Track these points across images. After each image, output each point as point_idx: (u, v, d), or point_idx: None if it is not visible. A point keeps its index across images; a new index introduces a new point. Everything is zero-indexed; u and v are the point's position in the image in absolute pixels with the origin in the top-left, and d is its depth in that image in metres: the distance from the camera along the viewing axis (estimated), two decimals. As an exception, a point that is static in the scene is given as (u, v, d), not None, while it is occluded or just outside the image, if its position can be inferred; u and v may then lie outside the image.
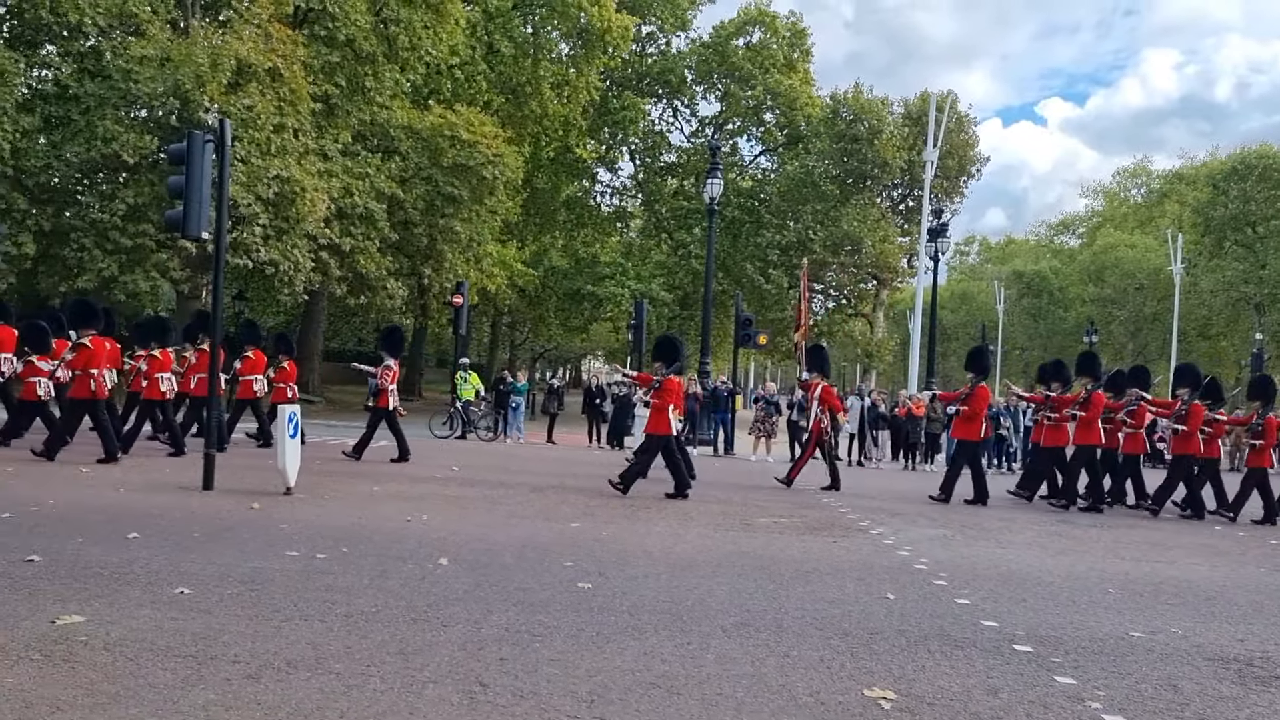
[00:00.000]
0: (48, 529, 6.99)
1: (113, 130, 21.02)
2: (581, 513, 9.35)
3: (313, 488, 9.89)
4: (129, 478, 10.24)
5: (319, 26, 25.86)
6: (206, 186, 9.29)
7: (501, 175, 28.49)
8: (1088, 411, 12.57)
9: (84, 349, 11.27)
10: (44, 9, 21.27)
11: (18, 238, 20.83)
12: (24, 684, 3.78)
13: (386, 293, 27.58)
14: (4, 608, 4.83)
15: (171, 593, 5.29)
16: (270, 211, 22.11)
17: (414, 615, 5.07)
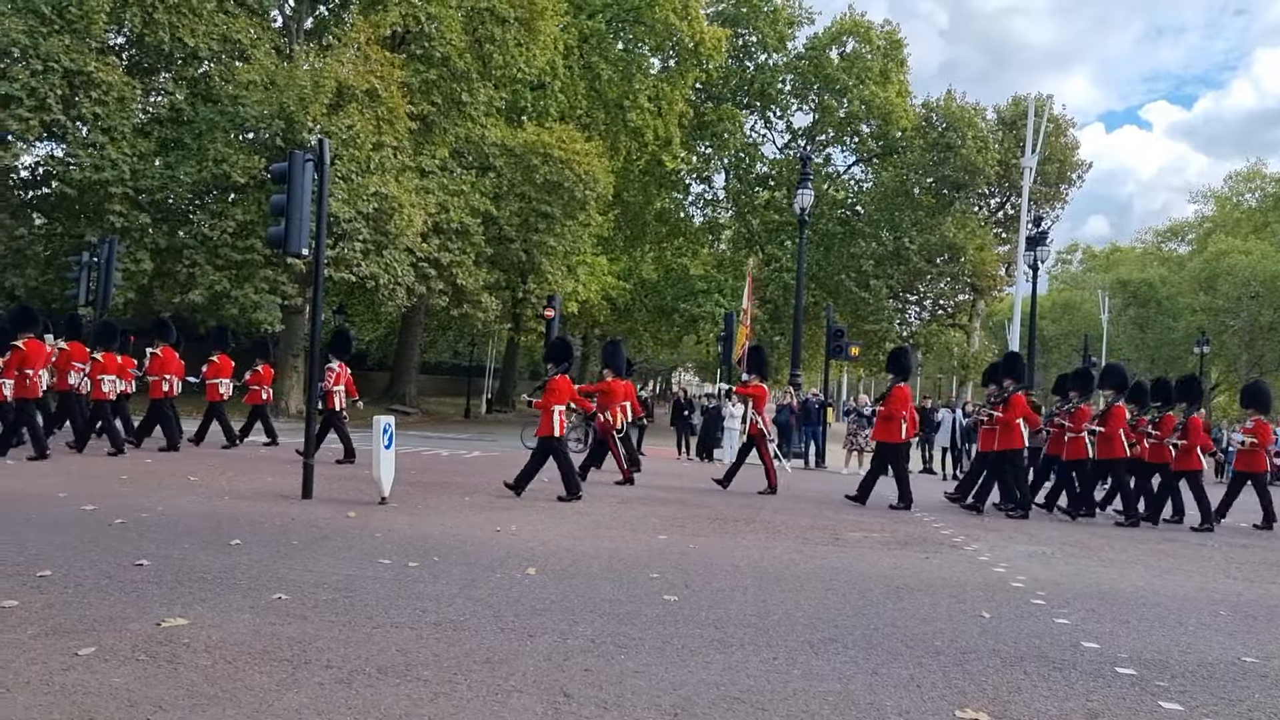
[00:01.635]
0: (157, 534, 7.28)
1: (223, 152, 21.93)
2: (669, 525, 9.34)
3: (406, 498, 10.09)
4: (234, 486, 10.61)
5: (416, 46, 26.56)
6: (307, 204, 9.59)
7: (593, 192, 28.79)
8: (1108, 425, 12.14)
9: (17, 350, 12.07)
10: (163, 33, 22.31)
11: (136, 254, 21.85)
12: (130, 683, 3.94)
13: (481, 306, 28.08)
14: (114, 609, 5.05)
15: (270, 598, 5.45)
16: (370, 227, 22.74)
17: (501, 624, 5.13)
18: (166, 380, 14.47)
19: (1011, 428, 12.03)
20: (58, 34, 20.87)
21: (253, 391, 15.79)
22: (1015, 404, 12.10)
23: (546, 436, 11.23)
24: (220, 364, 15.46)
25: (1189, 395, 12.79)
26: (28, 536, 6.88)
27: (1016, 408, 12.09)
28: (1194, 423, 12.31)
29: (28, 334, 12.30)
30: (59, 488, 9.61)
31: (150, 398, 14.46)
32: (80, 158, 21.58)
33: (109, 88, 21.71)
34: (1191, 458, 12.29)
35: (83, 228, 22.71)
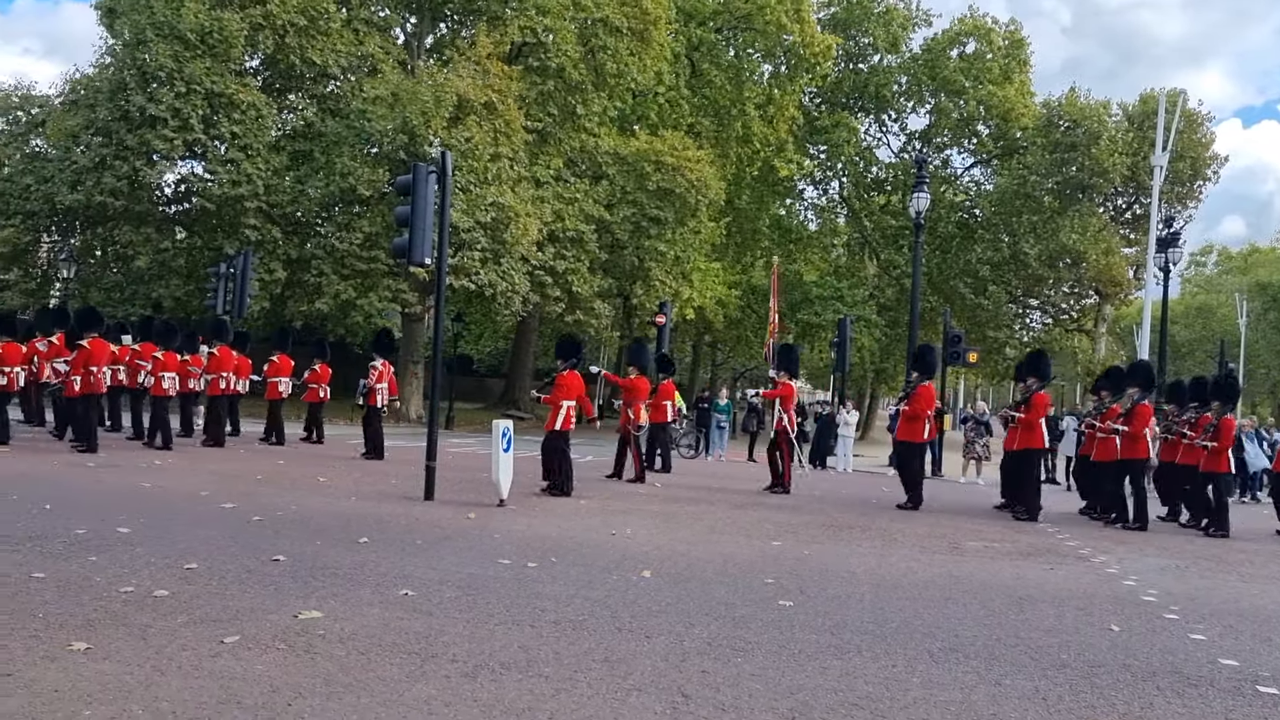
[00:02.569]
0: (291, 532, 7.63)
1: (349, 166, 22.82)
2: (782, 531, 9.31)
3: (523, 500, 10.32)
4: (361, 488, 11.03)
5: (532, 59, 27.14)
6: (429, 215, 9.92)
7: (704, 199, 28.89)
8: (1132, 425, 11.71)
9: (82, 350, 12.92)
10: (295, 56, 23.37)
11: (269, 265, 22.90)
12: (271, 671, 4.16)
13: (595, 312, 28.45)
14: (254, 601, 5.33)
15: (397, 594, 5.66)
16: (488, 236, 23.33)
17: (619, 625, 5.21)
18: (224, 378, 15.28)
19: (1034, 428, 11.84)
20: (200, 58, 22.09)
21: (310, 390, 16.53)
22: (1037, 404, 11.94)
23: (553, 430, 11.35)
24: (280, 363, 16.37)
25: (1224, 395, 12.25)
26: (176, 532, 7.30)
27: (1038, 408, 11.91)
28: (1226, 424, 11.75)
29: (92, 333, 13.22)
30: (202, 486, 10.15)
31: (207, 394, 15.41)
32: (219, 174, 22.78)
33: (246, 107, 22.86)
34: (1221, 460, 11.70)
35: (220, 241, 23.93)
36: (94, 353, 13.02)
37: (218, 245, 24.03)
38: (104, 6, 25.34)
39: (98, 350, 13.11)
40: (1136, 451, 11.69)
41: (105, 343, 13.56)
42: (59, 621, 4.72)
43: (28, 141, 25.26)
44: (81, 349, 13.04)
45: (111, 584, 5.50)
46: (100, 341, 13.29)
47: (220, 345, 15.54)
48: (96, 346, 13.11)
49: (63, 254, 25.33)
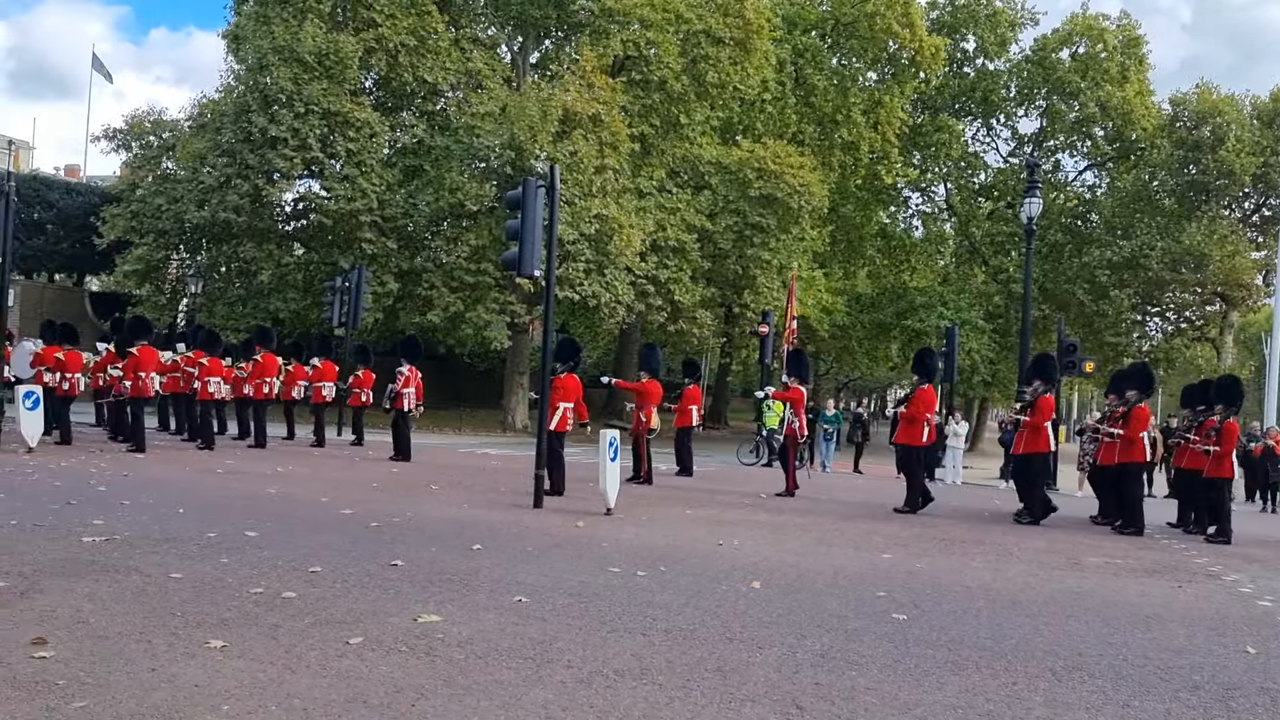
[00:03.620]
0: (408, 538, 7.85)
1: (458, 180, 23.40)
2: (892, 544, 9.16)
3: (630, 509, 10.39)
4: (471, 496, 11.28)
5: (635, 72, 27.39)
6: (538, 228, 10.10)
7: (808, 205, 28.67)
8: (1128, 428, 11.52)
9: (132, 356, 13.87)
10: (406, 74, 24.13)
11: (382, 278, 23.62)
12: (394, 672, 4.30)
13: (697, 321, 28.49)
14: (376, 604, 5.51)
15: (511, 600, 5.78)
16: (592, 248, 23.60)
17: (730, 635, 5.22)
18: (266, 383, 16.11)
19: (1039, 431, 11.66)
20: (317, 80, 22.96)
21: (354, 394, 17.13)
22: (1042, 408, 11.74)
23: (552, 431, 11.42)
24: (324, 368, 17.09)
25: (1227, 398, 11.83)
26: (299, 536, 7.59)
27: (1044, 411, 11.71)
28: (1229, 428, 11.33)
29: (142, 341, 14.14)
30: (322, 493, 10.53)
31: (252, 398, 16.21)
32: (335, 191, 23.60)
33: (360, 126, 23.66)
34: (1224, 465, 11.31)
35: (335, 256, 24.77)
36: (143, 359, 13.92)
37: (333, 260, 24.87)
38: (230, 34, 26.57)
39: (146, 357, 14.00)
40: (1133, 455, 11.52)
41: (154, 350, 14.51)
42: (196, 620, 4.96)
43: (159, 164, 26.60)
44: (131, 356, 13.92)
45: (243, 585, 5.75)
46: (149, 349, 14.21)
47: (265, 353, 16.35)
48: (145, 353, 14.01)
49: (191, 270, 26.59)
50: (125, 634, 4.64)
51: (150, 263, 25.67)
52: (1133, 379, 12.45)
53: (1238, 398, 11.90)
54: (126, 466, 11.96)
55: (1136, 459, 11.58)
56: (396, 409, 15.51)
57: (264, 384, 16.09)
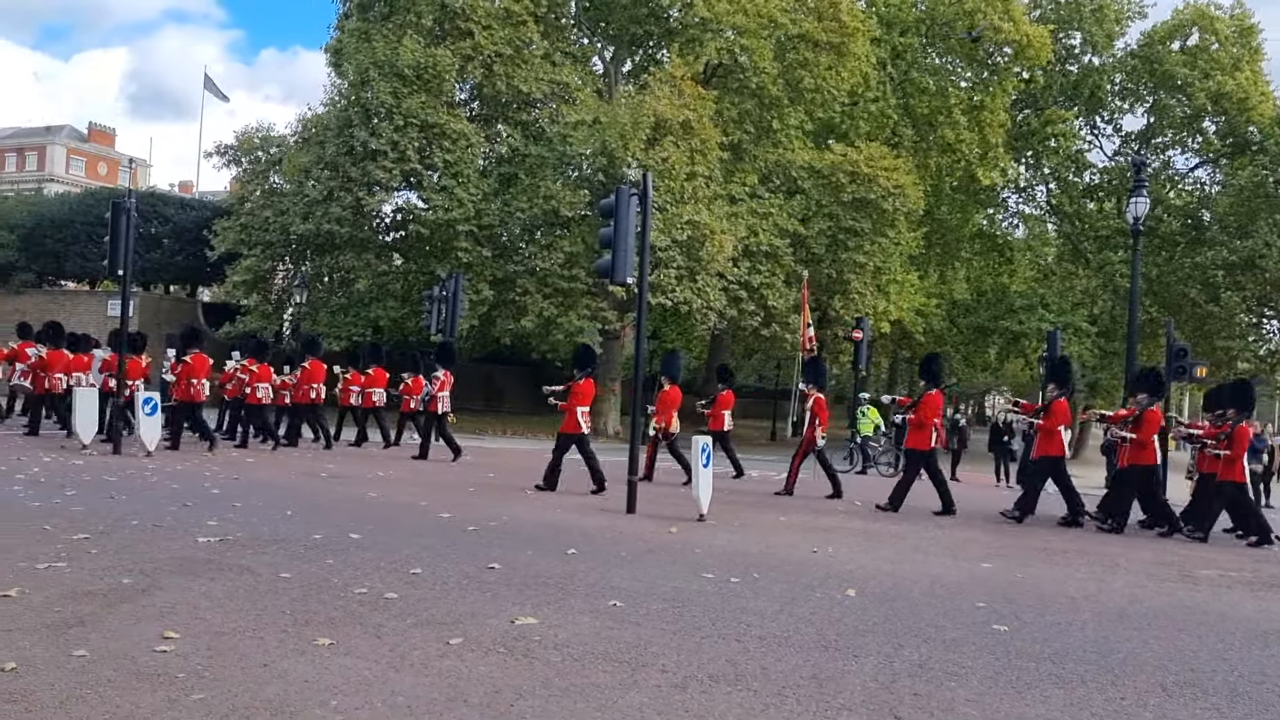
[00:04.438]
0: (504, 541, 7.99)
1: (551, 189, 23.71)
2: (991, 553, 8.96)
3: (723, 515, 10.38)
4: (564, 500, 11.41)
5: (730, 79, 27.40)
6: (631, 236, 10.19)
7: (902, 207, 28.24)
8: (1140, 431, 11.35)
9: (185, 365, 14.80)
10: (501, 84, 24.61)
11: (478, 286, 24.07)
12: (493, 672, 4.40)
13: (790, 326, 28.26)
14: (474, 606, 5.63)
15: (606, 604, 5.84)
16: (683, 254, 23.65)
17: (825, 643, 5.18)
18: (314, 389, 16.74)
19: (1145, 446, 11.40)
20: (416, 93, 23.54)
21: (404, 400, 17.56)
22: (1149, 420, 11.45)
23: (566, 433, 12.19)
24: (375, 375, 17.67)
25: (1240, 402, 11.62)
26: (399, 539, 7.80)
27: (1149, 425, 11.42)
28: (1240, 432, 11.04)
29: (194, 349, 15.02)
30: (420, 497, 10.78)
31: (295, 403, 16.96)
32: (433, 201, 24.16)
33: (457, 137, 24.18)
34: (1235, 468, 11.06)
35: (433, 265, 25.34)
36: (195, 366, 14.83)
37: (430, 269, 25.44)
38: (332, 49, 27.45)
39: (199, 364, 14.89)
40: (1143, 458, 11.40)
41: (206, 358, 15.33)
42: (305, 618, 5.14)
43: (267, 178, 27.63)
44: (185, 363, 14.86)
45: (347, 585, 5.94)
46: (201, 356, 15.07)
47: (312, 359, 16.99)
48: (198, 361, 14.90)
49: (296, 280, 27.51)
50: (239, 630, 4.84)
51: (258, 273, 26.65)
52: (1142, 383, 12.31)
53: (1250, 401, 11.75)
54: (238, 470, 12.44)
55: (1148, 461, 11.48)
56: (430, 411, 16.18)
57: (310, 389, 16.78)
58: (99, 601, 5.24)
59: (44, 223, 31.09)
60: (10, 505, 8.31)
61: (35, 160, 68.42)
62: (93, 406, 14.16)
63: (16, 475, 10.35)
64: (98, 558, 6.35)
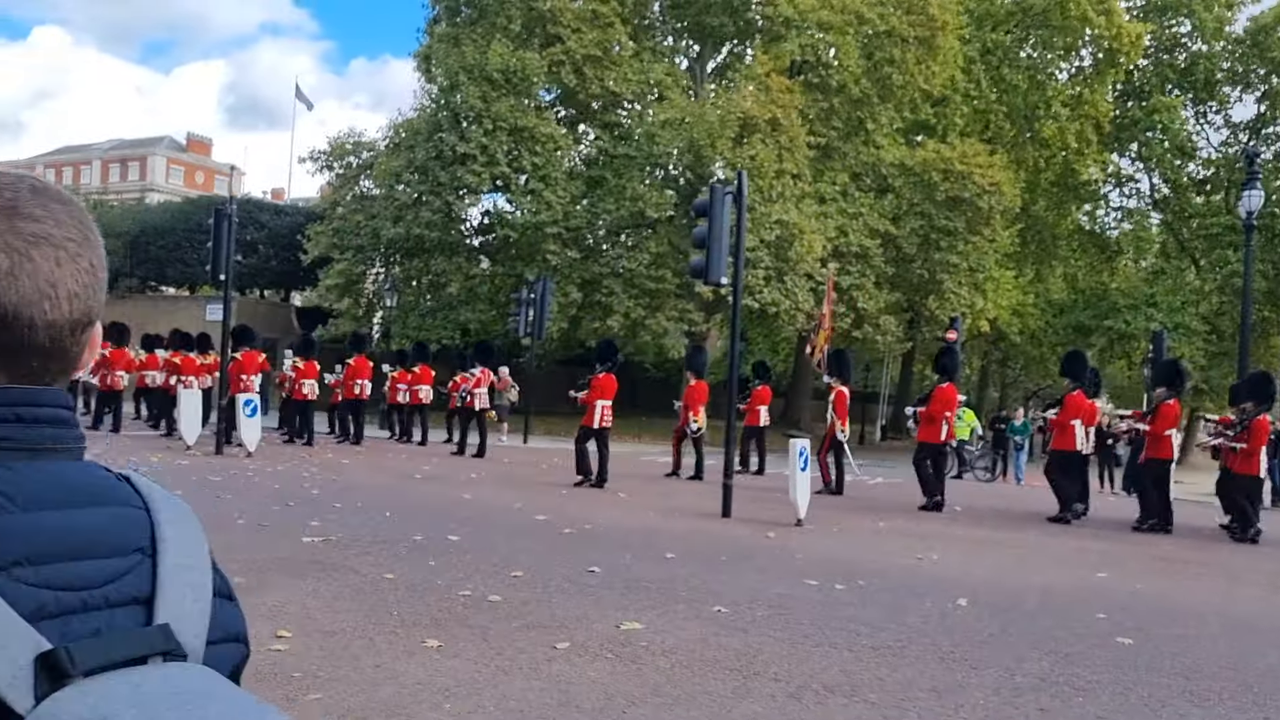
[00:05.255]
0: (601, 544, 7.95)
1: (639, 189, 23.69)
2: (1106, 562, 8.59)
3: (820, 520, 10.18)
4: (657, 503, 11.35)
5: (813, 75, 27.06)
6: (726, 236, 10.07)
7: (998, 205, 27.54)
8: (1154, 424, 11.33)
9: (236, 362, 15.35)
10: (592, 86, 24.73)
11: (565, 288, 24.19)
12: (603, 678, 4.33)
13: (881, 328, 27.80)
14: (577, 610, 5.58)
15: (710, 609, 5.73)
16: (771, 254, 23.41)
17: (940, 654, 5.00)
18: (358, 385, 17.29)
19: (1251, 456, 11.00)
20: (505, 97, 23.77)
21: (452, 398, 17.79)
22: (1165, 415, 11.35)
23: (586, 426, 12.55)
24: (420, 374, 18.18)
25: (1258, 395, 11.47)
26: (498, 541, 7.82)
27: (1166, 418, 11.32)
28: (1258, 424, 10.96)
29: (245, 347, 15.62)
30: (514, 499, 10.82)
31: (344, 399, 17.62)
32: (522, 204, 24.36)
33: (545, 140, 24.34)
34: (1252, 462, 10.92)
35: (520, 268, 25.53)
36: (244, 364, 15.54)
37: (518, 272, 25.63)
38: (421, 55, 27.89)
39: (247, 361, 15.61)
40: (1160, 451, 11.27)
41: (255, 354, 16.06)
42: (412, 619, 5.15)
43: (358, 183, 28.18)
44: (235, 360, 15.44)
45: (451, 587, 5.95)
46: (251, 354, 15.79)
47: (358, 357, 17.66)
48: (247, 359, 15.63)
49: (386, 284, 27.97)
50: (349, 630, 4.87)
51: (350, 277, 27.18)
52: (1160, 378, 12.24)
53: (1269, 393, 11.53)
54: (335, 471, 12.66)
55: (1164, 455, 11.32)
56: (468, 408, 16.70)
57: (355, 385, 17.36)
58: (212, 599, 5.32)
59: (147, 230, 32.23)
60: (124, 503, 8.55)
61: (137, 170, 71.21)
62: (197, 408, 14.55)
63: (128, 474, 10.67)
64: (209, 556, 6.47)
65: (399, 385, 18.30)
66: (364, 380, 17.43)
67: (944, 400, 12.21)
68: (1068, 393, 12.20)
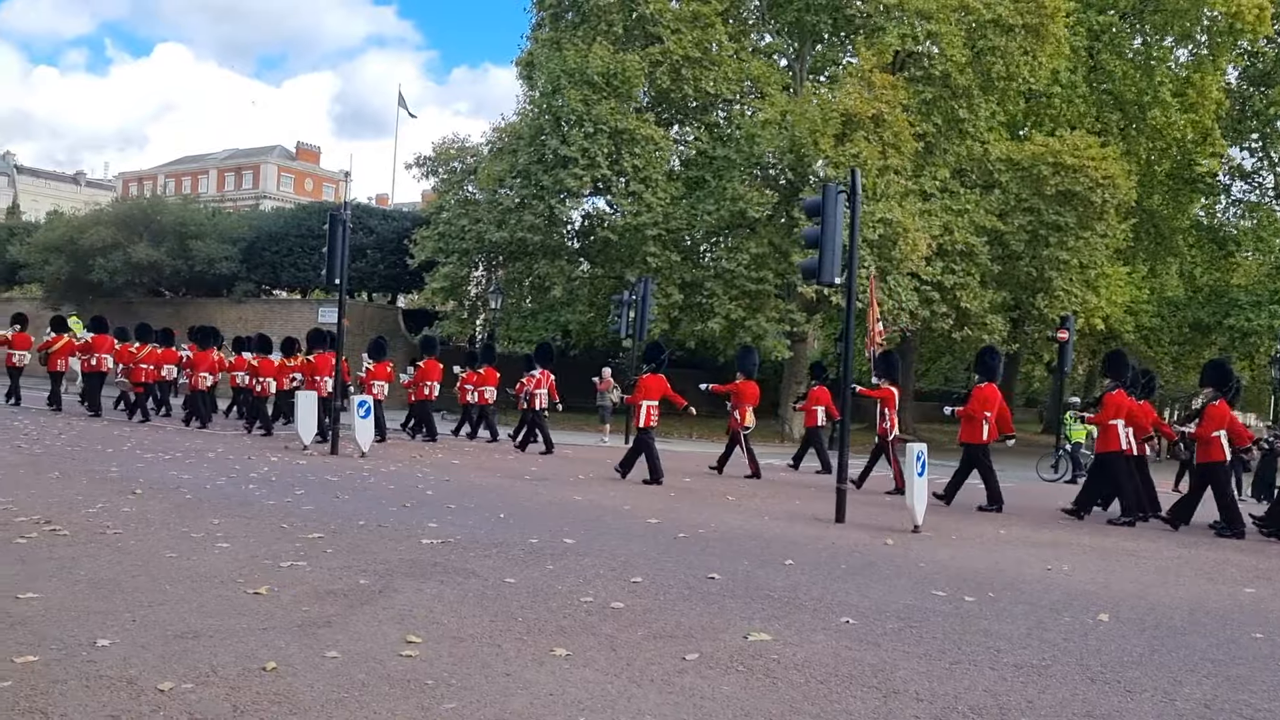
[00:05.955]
0: (717, 549, 7.82)
1: (739, 190, 23.45)
2: (1253, 576, 8.09)
3: (938, 526, 9.87)
4: (768, 507, 11.16)
5: (915, 68, 26.42)
6: (839, 235, 9.84)
7: (1111, 199, 26.46)
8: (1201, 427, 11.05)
9: None
10: (689, 86, 24.62)
11: (666, 289, 24.11)
12: (737, 693, 4.20)
13: (987, 328, 26.99)
14: (702, 619, 5.46)
15: (838, 621, 5.56)
16: (874, 254, 22.92)
17: (1089, 675, 4.73)
18: (428, 386, 17.87)
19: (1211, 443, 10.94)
20: (605, 100, 23.80)
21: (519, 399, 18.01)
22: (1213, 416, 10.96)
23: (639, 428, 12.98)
24: (486, 374, 18.34)
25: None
26: (613, 545, 7.75)
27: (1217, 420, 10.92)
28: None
29: (319, 350, 16.74)
30: (623, 500, 10.78)
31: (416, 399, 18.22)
32: (622, 207, 24.37)
33: (645, 141, 24.30)
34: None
35: (620, 269, 25.54)
36: (319, 365, 16.52)
37: (618, 274, 25.65)
38: (523, 61, 28.15)
39: (321, 363, 16.49)
40: (1211, 454, 10.94)
41: (328, 356, 16.42)
42: (537, 626, 5.11)
43: (463, 187, 28.55)
44: (308, 362, 16.88)
45: (572, 593, 5.90)
46: (324, 355, 16.52)
47: (428, 359, 18.17)
48: (321, 360, 16.51)
49: (492, 287, 28.31)
50: (476, 636, 4.85)
51: (455, 280, 27.59)
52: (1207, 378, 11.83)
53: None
54: (446, 472, 12.81)
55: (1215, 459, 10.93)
56: (531, 408, 17.23)
57: (425, 386, 17.93)
58: (341, 602, 5.38)
59: (262, 236, 33.32)
60: (250, 504, 8.77)
61: (250, 178, 73.92)
62: (313, 409, 14.90)
63: (250, 474, 10.97)
64: (333, 557, 6.57)
65: (466, 386, 18.66)
66: (434, 381, 17.98)
67: (983, 400, 12.04)
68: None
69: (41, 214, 49.17)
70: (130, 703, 3.68)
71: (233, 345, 19.35)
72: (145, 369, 18.44)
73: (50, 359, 19.50)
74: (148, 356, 18.66)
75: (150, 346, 18.97)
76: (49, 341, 19.67)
